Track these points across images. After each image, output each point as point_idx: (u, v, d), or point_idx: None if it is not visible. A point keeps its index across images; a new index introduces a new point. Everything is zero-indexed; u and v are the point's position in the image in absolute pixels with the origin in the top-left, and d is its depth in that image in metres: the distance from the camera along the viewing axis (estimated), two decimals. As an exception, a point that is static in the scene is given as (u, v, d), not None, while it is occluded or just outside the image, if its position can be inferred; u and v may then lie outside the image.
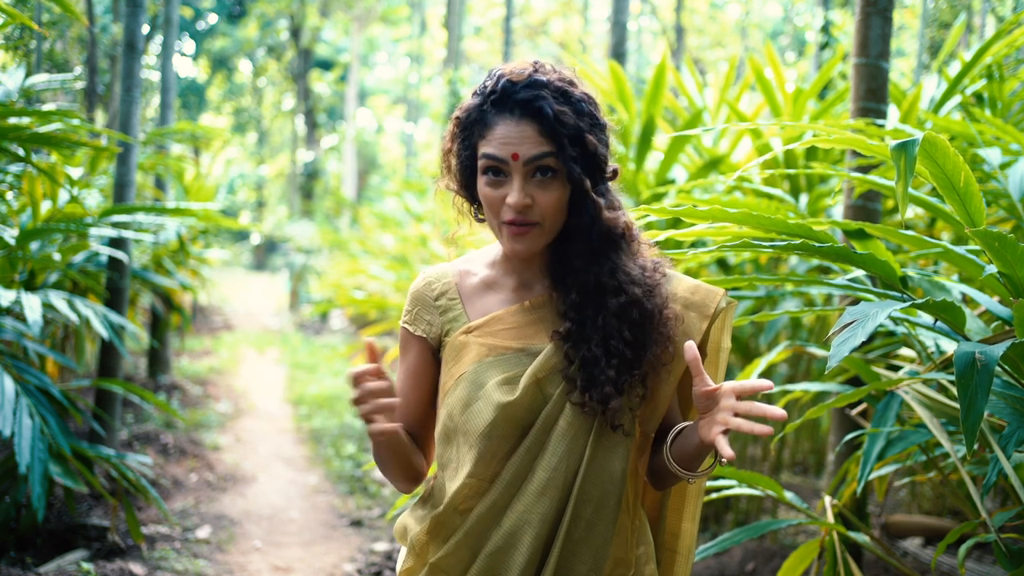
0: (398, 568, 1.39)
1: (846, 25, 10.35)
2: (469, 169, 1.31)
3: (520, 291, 1.35)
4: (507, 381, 1.28)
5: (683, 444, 1.28)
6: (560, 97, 1.25)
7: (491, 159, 1.25)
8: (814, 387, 2.44)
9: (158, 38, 8.34)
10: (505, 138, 1.24)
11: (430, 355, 1.38)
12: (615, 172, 1.32)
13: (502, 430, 1.27)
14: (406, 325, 1.38)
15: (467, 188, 1.35)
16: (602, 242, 1.28)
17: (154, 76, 8.76)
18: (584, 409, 1.25)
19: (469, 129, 1.29)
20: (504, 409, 1.26)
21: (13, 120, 3.14)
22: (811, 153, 3.69)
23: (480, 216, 1.36)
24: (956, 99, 3.33)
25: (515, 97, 1.24)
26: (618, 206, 1.32)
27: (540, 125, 1.23)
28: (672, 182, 3.89)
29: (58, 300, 3.34)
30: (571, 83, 1.28)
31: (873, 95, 2.55)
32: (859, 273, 2.00)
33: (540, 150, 1.23)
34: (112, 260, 4.03)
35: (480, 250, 1.44)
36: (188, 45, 22.93)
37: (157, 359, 7.09)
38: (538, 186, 1.24)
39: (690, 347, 1.19)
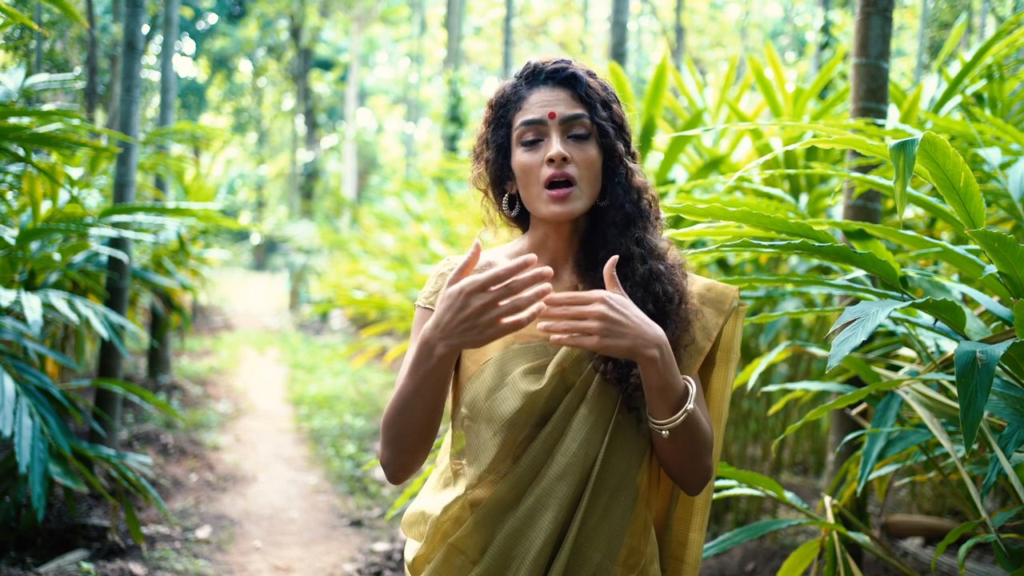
0: (408, 558, 1.39)
1: (846, 25, 10.35)
2: (504, 150, 1.36)
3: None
4: (533, 370, 1.31)
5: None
6: (587, 73, 1.36)
7: (528, 124, 1.32)
8: (814, 387, 2.44)
9: (158, 38, 8.34)
10: (541, 102, 1.32)
11: None
12: (635, 155, 1.39)
13: (526, 417, 1.29)
14: (431, 307, 1.37)
15: (500, 174, 1.38)
16: (634, 210, 1.34)
17: (154, 76, 8.77)
18: (606, 377, 1.28)
19: (504, 108, 1.36)
20: (530, 397, 1.28)
21: (13, 120, 3.14)
22: (811, 153, 3.69)
23: (508, 210, 1.38)
24: (956, 99, 3.33)
25: (547, 70, 1.35)
26: (644, 175, 1.39)
27: (573, 90, 1.33)
28: (672, 182, 3.89)
29: (58, 300, 3.34)
30: (594, 72, 1.38)
31: (873, 95, 2.55)
32: (859, 273, 2.00)
33: (575, 111, 1.32)
34: (112, 260, 4.03)
35: (500, 246, 1.45)
36: (188, 45, 22.95)
37: (157, 359, 7.09)
38: (574, 145, 1.31)
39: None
